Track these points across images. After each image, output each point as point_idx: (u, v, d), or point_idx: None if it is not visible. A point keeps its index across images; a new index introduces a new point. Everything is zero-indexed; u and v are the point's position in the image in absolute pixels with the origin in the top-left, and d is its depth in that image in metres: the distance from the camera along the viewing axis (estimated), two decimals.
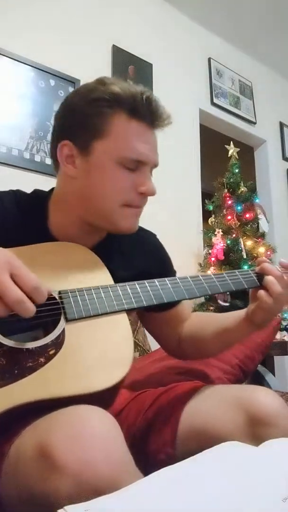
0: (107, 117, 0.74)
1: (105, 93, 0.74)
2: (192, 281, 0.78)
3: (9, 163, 1.97)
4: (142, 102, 0.74)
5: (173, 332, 0.93)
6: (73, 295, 0.69)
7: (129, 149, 0.74)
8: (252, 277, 0.79)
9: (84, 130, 0.75)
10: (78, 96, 0.77)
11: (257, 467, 0.47)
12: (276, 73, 3.70)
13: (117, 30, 2.56)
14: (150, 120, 0.77)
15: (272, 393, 0.74)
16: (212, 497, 0.41)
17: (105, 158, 0.74)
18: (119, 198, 0.76)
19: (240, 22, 3.12)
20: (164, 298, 0.74)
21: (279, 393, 1.28)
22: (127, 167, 0.75)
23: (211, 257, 2.41)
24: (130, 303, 0.71)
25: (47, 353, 0.62)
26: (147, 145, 0.76)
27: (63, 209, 0.81)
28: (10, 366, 0.59)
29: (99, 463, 0.47)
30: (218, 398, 0.75)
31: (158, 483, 0.44)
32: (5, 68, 2.05)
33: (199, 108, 2.94)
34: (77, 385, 0.59)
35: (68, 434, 0.49)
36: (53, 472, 0.47)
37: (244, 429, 0.69)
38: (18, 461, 0.53)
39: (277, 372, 2.53)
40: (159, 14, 2.84)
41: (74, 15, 2.37)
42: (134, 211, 0.79)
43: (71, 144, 0.76)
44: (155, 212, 2.67)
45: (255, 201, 2.55)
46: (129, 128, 0.74)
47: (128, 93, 0.74)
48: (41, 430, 0.53)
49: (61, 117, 0.80)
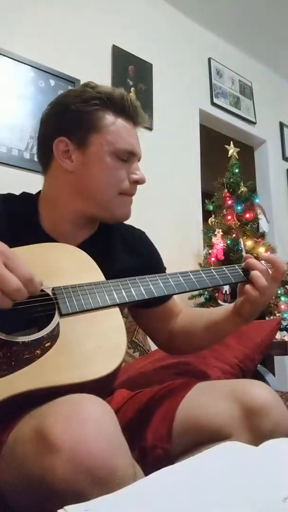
0: (100, 113, 0.82)
1: (98, 93, 0.83)
2: (181, 276, 0.81)
3: (9, 163, 1.97)
4: (128, 102, 0.85)
5: (164, 326, 0.97)
6: (67, 291, 0.71)
7: (122, 141, 0.83)
8: (239, 272, 0.83)
9: (80, 126, 0.82)
10: (69, 97, 0.84)
11: (257, 467, 0.47)
12: (276, 73, 3.70)
13: (117, 30, 2.56)
14: (133, 119, 0.86)
15: (265, 386, 0.76)
16: (212, 497, 0.41)
17: (102, 150, 0.82)
18: (116, 187, 0.83)
19: (240, 22, 3.12)
20: (154, 293, 0.77)
21: (279, 393, 1.28)
22: (121, 158, 0.83)
23: (211, 257, 2.41)
24: (122, 297, 0.73)
25: (43, 345, 0.63)
26: (134, 139, 0.86)
27: (56, 207, 0.85)
28: (7, 358, 0.61)
29: (92, 441, 0.49)
30: (212, 392, 0.77)
31: (158, 483, 0.44)
32: (5, 68, 2.05)
33: (199, 108, 2.94)
34: (73, 374, 0.61)
35: (64, 416, 0.51)
36: (48, 451, 0.48)
37: (239, 420, 0.70)
38: (16, 446, 0.54)
39: (277, 372, 2.53)
40: (159, 14, 2.84)
41: (74, 15, 2.37)
42: (129, 199, 0.87)
43: (67, 140, 0.83)
44: (155, 212, 2.68)
45: (255, 201, 2.55)
46: (118, 123, 0.83)
47: (118, 94, 0.84)
48: (38, 416, 0.55)
49: (55, 116, 0.86)
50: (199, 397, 0.78)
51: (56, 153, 0.83)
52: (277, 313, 2.34)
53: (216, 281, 0.82)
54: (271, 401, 0.71)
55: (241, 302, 0.81)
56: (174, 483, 0.43)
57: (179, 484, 0.43)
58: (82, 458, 0.47)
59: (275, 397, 0.73)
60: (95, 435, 0.49)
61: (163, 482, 0.44)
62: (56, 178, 0.86)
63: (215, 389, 0.78)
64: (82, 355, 0.64)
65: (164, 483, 0.43)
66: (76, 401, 0.54)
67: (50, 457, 0.48)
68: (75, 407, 0.53)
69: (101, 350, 0.65)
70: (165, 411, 0.78)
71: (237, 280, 0.83)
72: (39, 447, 0.50)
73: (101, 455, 0.48)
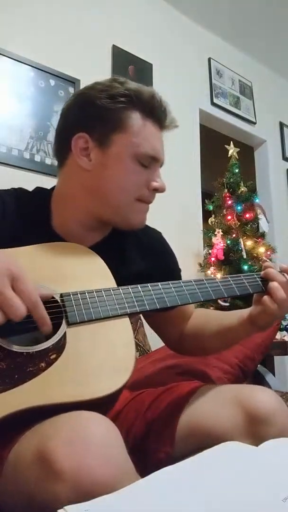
0: (127, 112, 0.76)
1: (127, 89, 0.76)
2: (196, 285, 0.76)
3: (9, 163, 1.97)
4: (158, 103, 0.79)
5: (175, 329, 0.93)
6: (75, 298, 0.67)
7: (146, 145, 0.77)
8: (258, 282, 0.78)
9: (103, 122, 0.77)
10: (95, 90, 0.78)
11: (257, 467, 0.47)
12: (276, 73, 3.70)
13: (117, 30, 2.56)
14: (161, 122, 0.80)
15: (270, 392, 0.74)
16: (212, 497, 0.41)
17: (124, 151, 0.76)
18: (134, 192, 0.78)
19: (240, 22, 3.11)
20: (167, 302, 0.73)
21: (279, 393, 1.28)
22: (142, 163, 0.78)
23: (211, 257, 2.41)
24: (133, 306, 0.70)
25: (48, 357, 0.61)
26: (159, 144, 0.81)
27: (67, 206, 0.81)
28: (10, 371, 0.59)
29: (97, 469, 0.47)
30: (217, 398, 0.75)
31: (158, 483, 0.44)
32: (5, 68, 2.04)
33: (199, 108, 2.94)
34: (78, 391, 0.58)
35: (67, 439, 0.49)
36: (51, 477, 0.47)
37: (243, 427, 0.69)
38: (17, 466, 0.53)
39: (277, 372, 2.53)
40: (159, 14, 2.84)
41: (74, 15, 2.37)
42: (145, 206, 0.82)
43: (87, 137, 0.77)
44: (155, 212, 2.67)
45: (255, 201, 2.55)
46: (145, 125, 0.78)
47: (147, 93, 0.78)
48: (40, 435, 0.53)
49: (78, 109, 0.80)
50: (203, 402, 0.76)
51: (75, 149, 0.78)
52: None
53: (232, 291, 0.77)
54: (276, 408, 0.70)
55: (258, 312, 0.76)
56: (174, 483, 0.43)
57: (179, 484, 0.43)
58: (86, 486, 0.46)
59: (280, 403, 0.71)
60: (100, 463, 0.47)
61: (163, 482, 0.44)
62: (71, 176, 0.81)
63: (219, 394, 0.76)
64: (88, 370, 0.62)
65: (164, 483, 0.43)
66: (79, 421, 0.52)
67: (53, 483, 0.46)
68: (78, 429, 0.51)
69: (108, 366, 0.63)
70: (168, 416, 0.77)
71: (255, 291, 0.78)
72: (42, 471, 0.48)
73: (106, 483, 0.46)
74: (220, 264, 2.37)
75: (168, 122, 0.82)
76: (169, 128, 0.83)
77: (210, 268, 2.39)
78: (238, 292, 0.77)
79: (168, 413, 0.78)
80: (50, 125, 2.13)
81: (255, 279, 0.79)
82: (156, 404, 0.82)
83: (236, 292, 0.77)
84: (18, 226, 0.78)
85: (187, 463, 0.48)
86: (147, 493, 0.42)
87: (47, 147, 2.09)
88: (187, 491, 0.41)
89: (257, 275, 0.79)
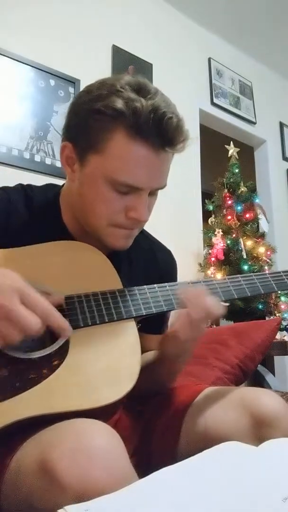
0: (107, 132, 0.67)
1: (107, 107, 0.66)
2: (207, 286, 0.74)
3: (9, 163, 1.97)
4: (148, 120, 0.65)
5: None
6: (80, 301, 0.66)
7: (124, 173, 0.67)
8: (270, 282, 0.78)
9: (84, 138, 0.70)
10: (83, 99, 0.71)
11: (257, 467, 0.47)
12: (276, 73, 3.70)
13: (117, 30, 2.56)
14: (156, 141, 0.67)
15: (275, 395, 0.73)
16: (212, 497, 0.41)
17: (97, 175, 0.69)
18: (106, 219, 0.71)
19: (240, 22, 3.12)
20: (174, 305, 0.71)
21: (279, 393, 1.28)
22: (118, 190, 0.69)
23: (211, 257, 2.41)
24: (139, 309, 0.68)
25: (50, 364, 0.60)
26: (147, 170, 0.68)
27: (71, 205, 0.79)
28: (12, 378, 0.58)
29: (101, 481, 0.46)
30: (221, 400, 0.74)
31: (158, 483, 0.44)
32: (5, 68, 2.04)
33: (199, 108, 2.94)
34: (81, 399, 0.57)
35: (70, 450, 0.48)
36: (54, 488, 0.46)
37: (248, 430, 0.68)
38: (19, 474, 0.52)
39: (277, 372, 2.53)
40: (159, 14, 2.84)
41: (74, 15, 2.37)
42: (124, 232, 0.73)
43: (72, 147, 0.73)
44: (155, 212, 2.67)
45: (255, 201, 2.55)
46: (128, 149, 0.66)
47: (132, 109, 0.64)
48: (42, 443, 0.52)
49: (67, 117, 0.75)
50: (207, 405, 0.75)
51: (60, 157, 0.75)
52: (277, 313, 2.35)
53: (242, 292, 0.75)
54: (281, 412, 0.69)
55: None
56: (174, 483, 0.43)
57: (179, 484, 0.43)
58: (90, 498, 0.45)
59: (285, 407, 0.70)
60: (103, 475, 0.47)
61: (163, 482, 0.44)
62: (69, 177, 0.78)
63: (223, 397, 0.75)
64: (92, 377, 0.60)
65: (164, 483, 0.43)
66: (82, 430, 0.51)
67: (56, 495, 0.46)
68: (81, 438, 0.50)
69: (111, 373, 0.61)
70: (172, 417, 0.76)
71: (280, 289, 0.77)
72: (45, 482, 0.47)
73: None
74: (220, 264, 2.37)
75: (168, 140, 0.68)
76: (172, 148, 0.70)
77: (210, 268, 2.39)
78: (263, 290, 0.76)
79: (171, 415, 0.77)
80: (50, 125, 2.13)
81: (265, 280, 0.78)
82: (159, 404, 0.81)
83: (260, 290, 0.76)
84: (28, 226, 0.76)
85: (187, 463, 0.48)
86: (147, 493, 0.42)
87: (47, 147, 2.09)
88: (187, 491, 0.41)
89: (256, 276, 0.78)
